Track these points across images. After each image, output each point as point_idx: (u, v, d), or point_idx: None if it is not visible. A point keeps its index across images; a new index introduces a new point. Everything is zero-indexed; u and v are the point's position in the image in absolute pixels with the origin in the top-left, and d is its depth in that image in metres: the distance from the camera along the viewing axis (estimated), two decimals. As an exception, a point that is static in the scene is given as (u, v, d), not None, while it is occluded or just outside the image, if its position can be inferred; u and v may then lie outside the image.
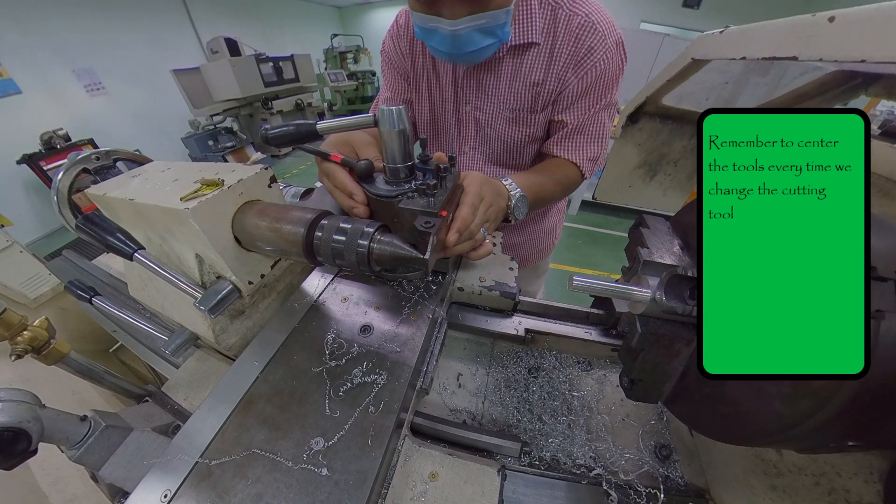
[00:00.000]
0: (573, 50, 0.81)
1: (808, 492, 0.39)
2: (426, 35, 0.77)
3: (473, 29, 0.70)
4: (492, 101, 0.93)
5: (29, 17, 4.51)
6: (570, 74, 0.83)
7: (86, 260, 1.21)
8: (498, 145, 0.99)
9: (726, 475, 0.51)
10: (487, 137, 0.99)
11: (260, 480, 0.38)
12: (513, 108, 0.91)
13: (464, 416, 0.63)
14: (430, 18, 0.71)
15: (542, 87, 0.87)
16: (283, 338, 0.54)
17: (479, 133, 1.00)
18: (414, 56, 0.97)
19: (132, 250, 0.54)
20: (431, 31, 0.73)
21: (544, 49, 0.83)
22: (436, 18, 0.70)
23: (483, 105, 0.94)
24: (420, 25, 0.75)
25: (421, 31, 0.77)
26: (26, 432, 0.36)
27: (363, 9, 11.77)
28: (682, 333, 0.37)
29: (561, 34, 0.81)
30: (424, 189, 0.48)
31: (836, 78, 0.48)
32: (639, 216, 0.47)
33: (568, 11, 0.80)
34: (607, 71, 0.81)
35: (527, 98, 0.89)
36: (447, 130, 1.04)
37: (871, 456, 0.36)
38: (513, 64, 0.87)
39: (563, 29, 0.81)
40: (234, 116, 6.16)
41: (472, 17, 0.68)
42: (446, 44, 0.74)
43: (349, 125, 0.56)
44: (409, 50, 0.97)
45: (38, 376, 0.82)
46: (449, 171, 0.53)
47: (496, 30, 0.72)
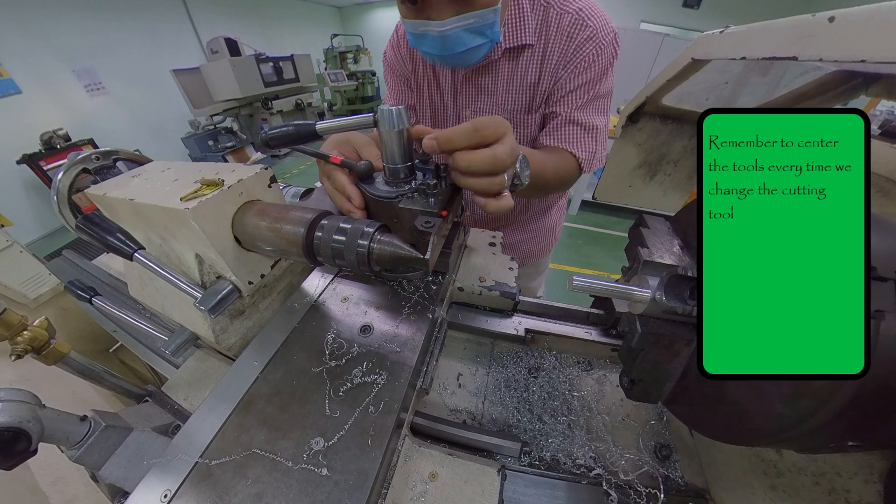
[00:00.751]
0: (565, 47, 0.82)
1: (808, 492, 0.39)
2: (418, 41, 0.77)
3: (462, 29, 0.71)
4: (489, 105, 0.93)
5: (29, 18, 4.51)
6: (562, 70, 0.84)
7: (86, 260, 1.20)
8: None
9: (726, 475, 0.51)
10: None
11: (260, 480, 0.38)
12: (509, 109, 0.92)
13: (464, 416, 0.63)
14: (420, 23, 0.72)
15: (538, 88, 0.88)
16: (283, 338, 0.54)
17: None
18: (415, 64, 0.98)
19: (132, 250, 0.54)
20: (422, 35, 0.74)
21: (538, 49, 0.84)
22: (425, 22, 0.71)
23: (481, 109, 0.95)
24: (411, 32, 0.76)
25: (413, 37, 0.78)
26: (26, 432, 0.36)
27: (363, 9, 11.76)
28: (682, 333, 0.37)
29: (553, 33, 0.82)
30: (424, 189, 0.47)
31: (836, 78, 0.48)
32: (639, 216, 0.47)
33: (559, 10, 0.80)
34: (597, 63, 0.82)
35: (523, 99, 0.90)
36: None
37: (871, 456, 0.36)
38: (508, 66, 0.87)
39: (555, 27, 0.81)
40: (234, 116, 6.17)
41: (459, 18, 0.69)
42: (437, 46, 0.74)
43: (348, 125, 0.55)
44: (409, 58, 0.98)
45: (38, 376, 0.82)
46: (449, 170, 0.52)
47: (485, 29, 0.73)
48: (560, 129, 0.89)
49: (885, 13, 0.25)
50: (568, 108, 0.87)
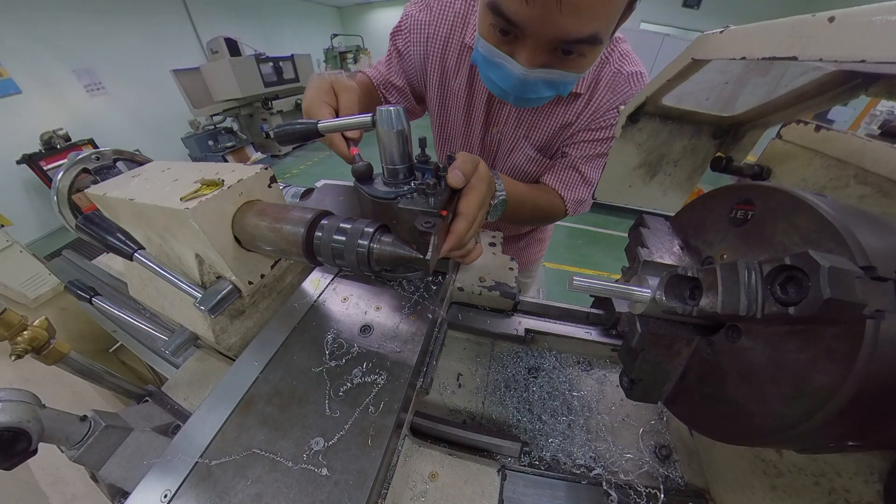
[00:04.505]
0: (607, 101, 0.84)
1: (808, 492, 0.39)
2: (488, 67, 0.71)
3: (543, 80, 0.68)
4: (520, 135, 0.94)
5: (29, 18, 4.52)
6: (594, 120, 0.87)
7: (86, 260, 1.20)
8: (509, 173, 1.02)
9: (726, 475, 0.51)
10: (503, 164, 1.02)
11: (260, 480, 0.38)
12: (537, 146, 0.94)
13: (464, 416, 0.63)
14: (503, 56, 0.66)
15: (567, 129, 0.90)
16: (283, 338, 0.54)
17: (497, 156, 1.02)
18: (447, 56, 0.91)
19: (132, 250, 0.54)
20: (497, 66, 0.69)
21: (583, 99, 0.86)
22: (509, 59, 0.66)
23: (509, 135, 0.96)
24: (485, 55, 0.70)
25: (484, 61, 0.71)
26: (26, 432, 0.36)
27: (363, 9, 11.77)
28: (682, 333, 0.37)
29: (602, 88, 0.84)
30: (424, 189, 0.47)
31: (836, 78, 0.48)
32: (639, 216, 0.47)
33: (615, 69, 0.82)
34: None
35: (551, 137, 0.92)
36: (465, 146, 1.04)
37: (871, 456, 0.36)
38: (552, 107, 0.88)
39: (606, 83, 0.83)
40: (234, 116, 6.17)
41: (547, 71, 0.66)
42: (509, 83, 0.70)
43: (348, 125, 0.56)
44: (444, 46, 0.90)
45: (38, 376, 0.82)
46: (448, 172, 0.52)
47: (561, 87, 0.71)
48: (564, 171, 0.93)
49: (885, 13, 0.25)
50: (577, 155, 0.90)
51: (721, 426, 0.34)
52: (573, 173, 0.92)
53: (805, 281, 0.24)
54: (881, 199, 0.49)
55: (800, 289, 0.25)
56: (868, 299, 0.23)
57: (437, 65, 0.93)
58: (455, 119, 1.00)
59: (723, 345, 0.34)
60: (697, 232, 0.42)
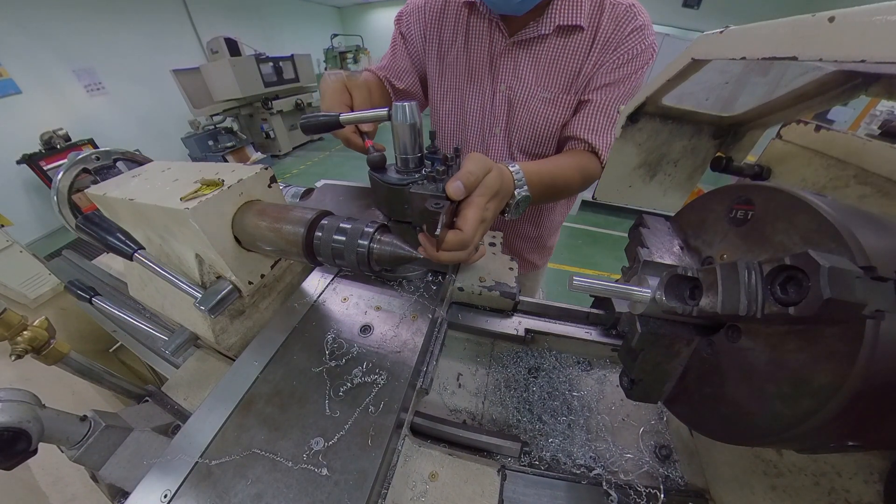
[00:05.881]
0: (613, 34, 0.83)
1: (808, 492, 0.39)
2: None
3: None
4: (530, 82, 0.93)
5: (29, 18, 4.51)
6: (606, 58, 0.85)
7: (86, 260, 1.20)
8: (528, 129, 0.98)
9: (726, 475, 0.50)
10: (518, 120, 0.98)
11: (260, 480, 0.38)
12: (550, 89, 0.92)
13: (464, 416, 0.63)
14: None
15: (581, 72, 0.89)
16: (283, 338, 0.54)
17: (511, 115, 0.99)
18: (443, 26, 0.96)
19: (132, 250, 0.54)
20: None
21: (588, 35, 0.85)
22: None
23: (519, 86, 0.94)
24: None
25: None
26: (26, 432, 0.36)
27: (363, 9, 11.77)
28: (682, 333, 0.37)
29: (606, 19, 0.83)
30: (434, 175, 0.52)
31: (836, 78, 0.47)
32: (639, 216, 0.47)
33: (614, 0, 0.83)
34: (638, 58, 0.84)
35: (565, 81, 0.91)
36: (473, 113, 1.03)
37: (871, 456, 0.36)
38: (556, 45, 0.87)
39: (609, 14, 0.83)
40: (234, 116, 6.17)
41: None
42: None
43: (367, 118, 0.64)
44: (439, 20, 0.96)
45: (38, 376, 0.82)
46: (455, 161, 0.57)
47: None
48: (592, 117, 0.90)
49: (885, 13, 0.25)
50: (601, 100, 0.88)
51: (721, 426, 0.34)
52: (601, 118, 0.89)
53: (805, 281, 0.24)
54: (881, 199, 0.49)
55: (800, 289, 0.24)
56: (868, 299, 0.22)
57: (435, 35, 0.98)
58: (460, 87, 1.00)
59: (723, 345, 0.34)
60: (697, 232, 0.42)
